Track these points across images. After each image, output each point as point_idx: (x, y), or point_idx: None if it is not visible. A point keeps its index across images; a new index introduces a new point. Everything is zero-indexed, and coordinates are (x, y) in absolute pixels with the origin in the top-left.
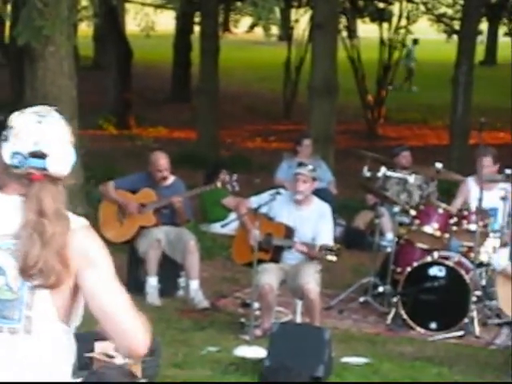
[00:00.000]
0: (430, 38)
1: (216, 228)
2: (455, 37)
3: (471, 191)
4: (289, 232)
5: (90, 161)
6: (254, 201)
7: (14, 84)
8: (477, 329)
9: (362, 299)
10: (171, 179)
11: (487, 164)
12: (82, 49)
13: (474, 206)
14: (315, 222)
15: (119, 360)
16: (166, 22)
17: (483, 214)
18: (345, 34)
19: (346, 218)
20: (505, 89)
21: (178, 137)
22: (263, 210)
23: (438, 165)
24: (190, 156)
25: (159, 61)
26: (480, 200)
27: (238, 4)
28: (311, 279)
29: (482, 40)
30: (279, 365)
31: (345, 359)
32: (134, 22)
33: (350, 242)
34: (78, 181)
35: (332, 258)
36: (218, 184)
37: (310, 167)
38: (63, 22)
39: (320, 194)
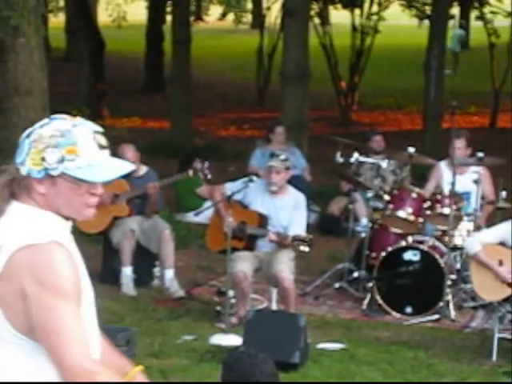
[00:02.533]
0: (402, 24)
1: (190, 217)
2: (427, 22)
3: (443, 175)
4: (263, 220)
5: None
6: (228, 187)
7: None
8: (452, 312)
9: (337, 285)
10: (144, 169)
11: (460, 146)
12: (54, 40)
13: (447, 189)
14: (289, 212)
15: None
16: (137, 12)
17: (456, 197)
18: (317, 20)
19: (320, 204)
20: (478, 73)
21: (152, 126)
22: (238, 197)
23: (411, 149)
24: (164, 145)
25: (132, 51)
26: (453, 184)
27: None
28: (285, 267)
29: (454, 24)
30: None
31: (321, 345)
32: (105, 12)
33: (325, 229)
34: None
35: (304, 248)
36: (190, 172)
37: (283, 157)
38: (31, 13)
39: (294, 181)
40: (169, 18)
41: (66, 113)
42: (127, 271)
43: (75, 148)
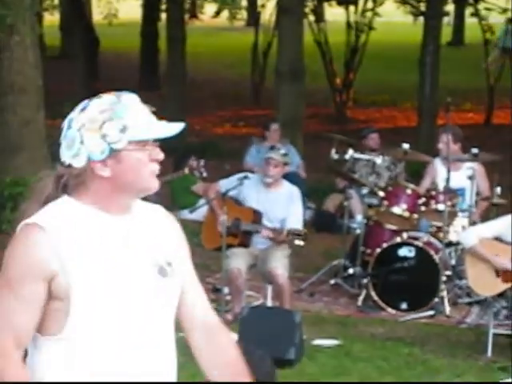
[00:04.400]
0: (397, 21)
1: (185, 214)
2: (422, 19)
3: (438, 171)
4: (257, 216)
5: (58, 151)
6: (222, 184)
7: None
8: (447, 308)
9: (332, 281)
10: None
11: (446, 140)
12: (48, 38)
13: (441, 185)
14: (285, 205)
15: None
16: (132, 10)
17: (451, 193)
18: (312, 17)
19: (315, 201)
20: (473, 69)
21: None
22: (232, 194)
23: (405, 145)
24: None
25: (127, 49)
26: (448, 180)
27: None
28: (279, 264)
29: (448, 21)
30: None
31: (316, 341)
32: (97, 9)
33: (320, 225)
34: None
35: (299, 242)
36: (186, 170)
37: (282, 151)
38: (26, 11)
39: (289, 177)
40: (164, 15)
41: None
42: None
43: (132, 113)
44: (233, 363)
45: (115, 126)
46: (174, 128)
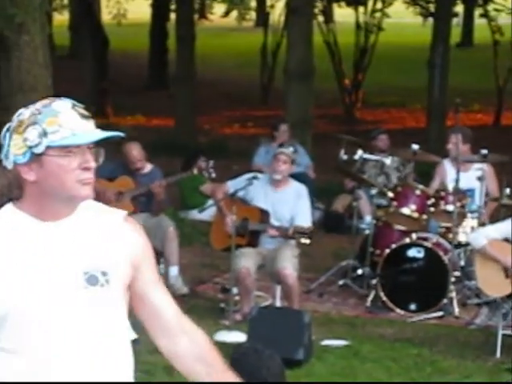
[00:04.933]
0: (406, 22)
1: (194, 214)
2: (431, 20)
3: (447, 172)
4: (264, 216)
5: None
6: (230, 185)
7: None
8: (456, 309)
9: (341, 282)
10: (148, 167)
11: (455, 141)
12: (58, 38)
13: (451, 186)
14: (292, 203)
15: None
16: (141, 10)
17: (460, 194)
18: (321, 18)
19: (324, 202)
20: (482, 71)
21: (156, 124)
22: (240, 194)
23: (415, 146)
24: (168, 143)
25: (136, 49)
26: (457, 181)
27: None
28: (289, 264)
29: (458, 22)
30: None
31: (325, 342)
32: (106, 9)
33: (329, 226)
34: None
35: (305, 240)
36: (195, 171)
37: (291, 149)
38: (36, 10)
39: (298, 178)
40: (173, 15)
41: None
42: None
43: (56, 119)
44: (214, 362)
45: (36, 130)
46: (97, 135)
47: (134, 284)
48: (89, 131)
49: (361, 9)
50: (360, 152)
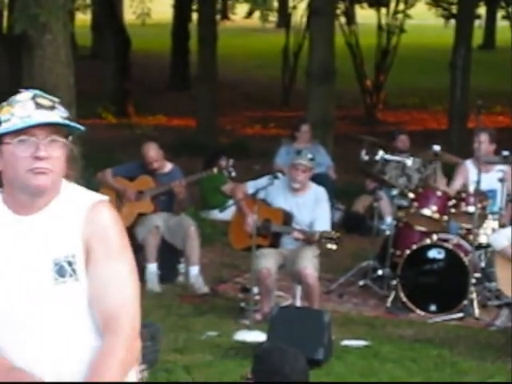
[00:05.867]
0: (428, 23)
1: (215, 214)
2: (453, 21)
3: (469, 173)
4: (287, 218)
5: (89, 149)
6: (250, 185)
7: (12, 73)
8: (476, 310)
9: (361, 283)
10: (169, 166)
11: (484, 140)
12: (80, 38)
13: (472, 188)
14: (312, 208)
15: None
16: (163, 10)
17: (481, 195)
18: (343, 20)
19: (345, 202)
20: (504, 72)
21: (178, 125)
22: (261, 195)
23: (436, 147)
24: (189, 144)
25: (158, 49)
26: (478, 182)
27: None
28: (309, 264)
29: (480, 24)
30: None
31: (345, 342)
32: (130, 9)
33: (350, 227)
34: (77, 169)
35: (332, 246)
36: (215, 170)
37: (309, 156)
38: (59, 9)
39: (319, 179)
40: (195, 16)
41: (92, 110)
42: (152, 268)
43: (11, 108)
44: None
45: None
46: (37, 120)
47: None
48: (40, 119)
49: (383, 10)
50: (381, 153)
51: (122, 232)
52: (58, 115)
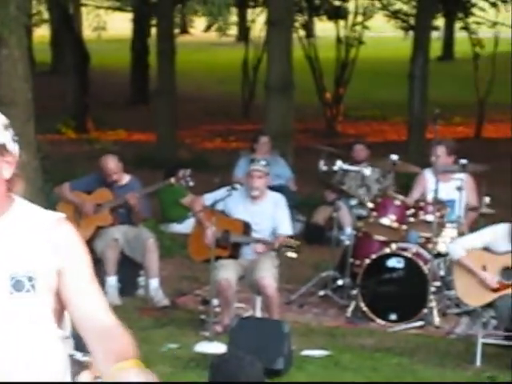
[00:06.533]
0: (386, 36)
1: (175, 227)
2: (412, 33)
3: (428, 182)
4: (246, 228)
5: (49, 165)
6: (207, 198)
7: None
8: (436, 319)
9: (321, 293)
10: (127, 178)
11: (440, 153)
12: (40, 54)
13: (430, 197)
14: (272, 214)
15: None
16: (121, 26)
17: (440, 204)
18: (302, 33)
19: (305, 214)
20: (463, 84)
21: (138, 139)
22: (219, 206)
23: (394, 157)
24: (149, 158)
25: (117, 64)
26: (436, 191)
27: (191, 3)
28: (268, 274)
29: (438, 36)
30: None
31: (305, 352)
32: (86, 22)
33: (310, 238)
34: (36, 184)
35: (292, 254)
36: (173, 180)
37: (263, 162)
38: (12, 22)
39: (279, 191)
40: (154, 30)
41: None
42: (112, 281)
43: None
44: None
45: None
46: None
47: (61, 291)
48: None
49: (341, 23)
50: (339, 163)
51: (83, 245)
52: None
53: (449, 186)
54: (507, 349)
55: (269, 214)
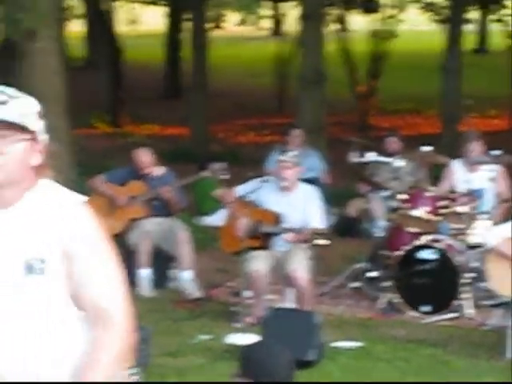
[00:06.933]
0: (420, 29)
1: (207, 220)
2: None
3: (457, 174)
4: (277, 218)
5: (83, 159)
6: (240, 189)
7: (2, 83)
8: (469, 310)
9: (354, 285)
10: (162, 171)
11: (474, 148)
12: (75, 49)
13: (462, 188)
14: (303, 206)
15: None
16: (155, 21)
17: (472, 195)
18: (336, 26)
19: (338, 206)
20: (498, 76)
21: (171, 133)
22: (251, 197)
23: (425, 148)
24: (182, 152)
25: (151, 59)
26: (468, 182)
27: None
28: (300, 266)
29: (472, 28)
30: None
31: (338, 343)
32: (120, 17)
33: (343, 231)
34: (70, 177)
35: (323, 241)
36: (207, 173)
37: (292, 153)
38: (45, 17)
39: (311, 183)
40: (187, 25)
41: (86, 120)
42: (144, 273)
43: None
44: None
45: None
46: None
47: (71, 274)
48: None
49: (375, 16)
50: (370, 154)
51: (101, 230)
52: (10, 111)
53: (480, 176)
54: None
55: (300, 206)
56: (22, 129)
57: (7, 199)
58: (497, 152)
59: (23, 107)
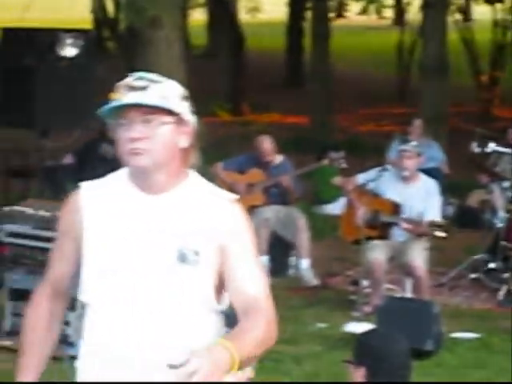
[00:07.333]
0: None
1: (327, 208)
2: None
3: None
4: (396, 208)
5: (205, 146)
6: (360, 177)
7: (126, 71)
8: None
9: (473, 276)
10: (279, 159)
11: None
12: (196, 38)
13: None
14: (423, 199)
15: None
16: (276, 9)
17: None
18: (459, 16)
19: (458, 197)
20: None
21: (292, 122)
22: (371, 186)
23: None
24: (303, 141)
25: (272, 47)
26: None
27: None
28: (418, 256)
29: None
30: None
31: (455, 334)
32: (241, 4)
33: (463, 221)
34: (196, 164)
35: (441, 233)
36: (326, 161)
37: (414, 143)
38: (169, 5)
39: (431, 173)
40: (309, 14)
41: (207, 108)
42: (262, 260)
43: (112, 94)
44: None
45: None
46: (124, 101)
47: (222, 268)
48: (126, 101)
49: (499, 5)
50: (492, 145)
51: (253, 232)
52: (152, 95)
53: None
54: None
55: (420, 198)
56: (166, 112)
57: (159, 184)
58: None
59: (165, 90)
